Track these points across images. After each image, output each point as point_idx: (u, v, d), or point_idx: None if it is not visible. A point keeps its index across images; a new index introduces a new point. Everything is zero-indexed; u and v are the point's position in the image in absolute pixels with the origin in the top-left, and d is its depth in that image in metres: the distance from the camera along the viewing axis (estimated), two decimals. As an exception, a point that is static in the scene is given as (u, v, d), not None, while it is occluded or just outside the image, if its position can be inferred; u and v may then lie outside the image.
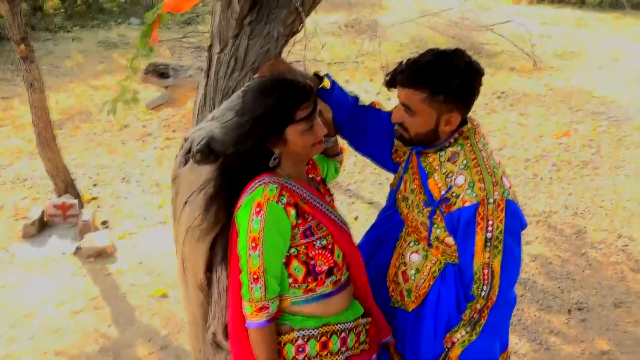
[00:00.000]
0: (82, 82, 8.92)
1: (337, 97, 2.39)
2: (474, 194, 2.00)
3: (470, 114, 2.15)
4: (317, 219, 2.05)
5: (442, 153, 2.11)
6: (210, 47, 2.41)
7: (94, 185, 6.09)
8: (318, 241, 2.05)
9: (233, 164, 2.07)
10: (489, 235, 1.99)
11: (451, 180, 2.06)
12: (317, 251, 2.04)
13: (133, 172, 6.39)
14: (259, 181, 2.03)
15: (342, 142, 2.50)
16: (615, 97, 8.35)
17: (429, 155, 2.15)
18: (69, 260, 4.91)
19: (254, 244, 1.94)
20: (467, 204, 2.00)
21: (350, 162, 6.52)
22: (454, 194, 2.04)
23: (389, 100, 8.28)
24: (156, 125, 7.56)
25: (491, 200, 1.98)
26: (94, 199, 5.83)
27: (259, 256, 1.94)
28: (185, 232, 2.27)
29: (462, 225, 2.02)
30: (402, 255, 2.27)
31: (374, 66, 9.49)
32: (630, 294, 4.40)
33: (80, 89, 8.77)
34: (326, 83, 2.37)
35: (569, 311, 4.25)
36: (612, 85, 8.83)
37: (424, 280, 2.21)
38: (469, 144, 2.09)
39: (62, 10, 12.75)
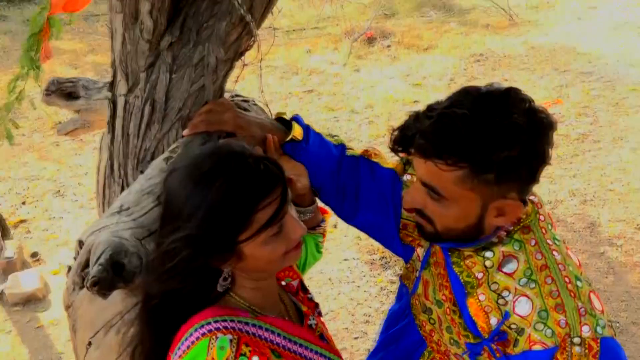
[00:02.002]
0: (7, 70, 7.80)
1: (314, 151, 1.56)
2: (549, 331, 1.23)
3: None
4: None
5: (488, 254, 1.31)
6: (113, 85, 1.54)
7: (23, 203, 5.15)
8: (304, 408, 1.25)
9: (156, 297, 1.24)
10: None
11: (507, 303, 1.27)
12: None
13: (69, 183, 5.45)
14: (201, 326, 1.21)
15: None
16: (602, 52, 7.62)
17: (466, 255, 1.34)
18: (-11, 310, 4.02)
19: None
20: (536, 347, 1.23)
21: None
22: (513, 327, 1.26)
23: (358, 72, 7.44)
24: (95, 120, 6.58)
25: (577, 340, 1.21)
26: (22, 221, 4.90)
27: None
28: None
29: None
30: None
31: (337, 32, 8.57)
32: (666, 307, 3.74)
33: (6, 79, 7.66)
34: (297, 132, 1.54)
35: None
36: (596, 38, 8.10)
37: None
38: (532, 241, 1.29)
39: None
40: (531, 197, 1.37)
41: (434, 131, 1.18)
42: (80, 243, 1.37)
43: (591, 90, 6.63)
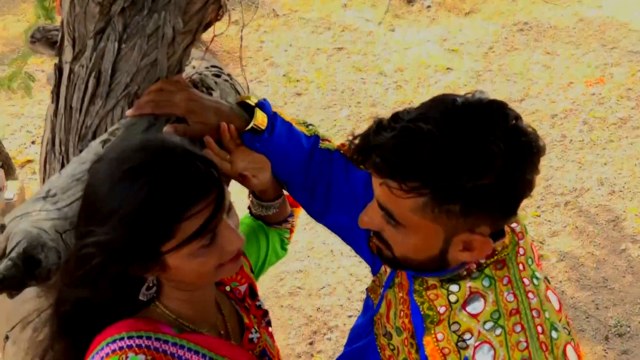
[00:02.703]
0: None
1: (280, 142, 1.39)
2: None
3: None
4: None
5: (454, 288, 1.13)
6: (60, 49, 1.38)
7: (32, 142, 5.08)
8: None
9: (68, 303, 1.11)
10: None
11: (468, 347, 1.10)
12: None
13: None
14: (113, 341, 1.07)
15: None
16: (656, 30, 7.14)
17: (430, 284, 1.17)
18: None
19: None
20: None
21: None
22: None
23: (392, 32, 7.12)
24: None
25: None
26: (28, 161, 4.83)
27: None
28: (14, 383, 1.33)
29: None
30: None
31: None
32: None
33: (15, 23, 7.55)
34: (259, 120, 1.35)
35: (607, 338, 3.38)
36: (653, 15, 7.59)
37: None
38: (505, 279, 1.11)
39: None
40: (512, 225, 1.18)
41: (392, 148, 0.99)
42: (3, 227, 1.23)
43: (638, 72, 6.22)
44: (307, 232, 3.95)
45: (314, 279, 3.74)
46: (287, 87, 5.88)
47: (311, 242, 3.93)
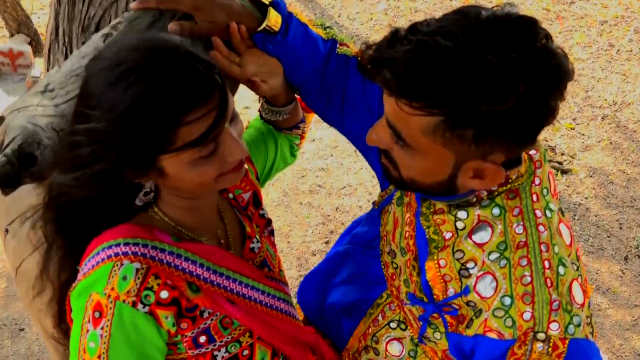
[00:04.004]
0: None
1: (294, 45, 1.31)
2: (509, 321, 1.02)
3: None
4: (224, 312, 1.11)
5: (462, 215, 1.08)
6: None
7: (64, 20, 5.00)
8: (223, 349, 1.15)
9: (55, 192, 1.09)
10: None
11: (470, 276, 1.06)
12: None
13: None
14: (109, 246, 1.06)
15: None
16: None
17: (437, 208, 1.11)
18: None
19: None
20: (491, 335, 1.03)
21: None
22: (471, 304, 1.06)
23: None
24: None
25: (541, 337, 1.01)
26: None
27: None
28: (16, 272, 1.35)
29: None
30: (374, 337, 1.33)
31: None
32: None
33: None
34: (272, 21, 1.27)
35: (626, 258, 3.34)
36: None
37: (408, 395, 1.30)
38: (516, 209, 1.04)
39: None
40: (531, 153, 1.10)
41: (405, 64, 0.91)
42: (1, 119, 1.20)
43: (701, -21, 5.79)
44: (332, 129, 3.87)
45: (335, 178, 3.71)
46: (323, -25, 5.61)
47: (336, 140, 3.87)
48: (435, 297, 1.12)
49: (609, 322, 3.05)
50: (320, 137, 3.97)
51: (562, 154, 3.93)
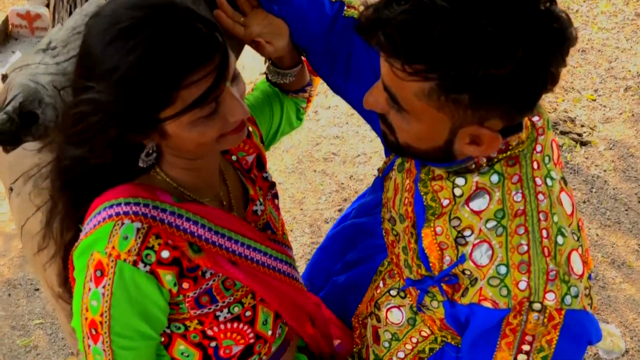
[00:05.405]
0: None
1: (300, 6, 1.30)
2: (505, 290, 1.02)
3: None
4: (226, 273, 1.11)
5: (460, 181, 1.06)
6: None
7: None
8: (225, 310, 1.15)
9: (67, 159, 1.10)
10: (522, 358, 1.03)
11: (467, 244, 1.05)
12: (221, 326, 1.15)
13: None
14: (110, 206, 1.07)
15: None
16: None
17: (435, 174, 1.10)
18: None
19: (93, 331, 1.06)
20: (486, 304, 1.02)
21: None
22: (467, 273, 1.05)
23: None
24: None
25: (537, 307, 1.00)
26: (77, 3, 4.78)
27: (103, 351, 1.06)
28: (21, 231, 1.37)
29: (473, 333, 1.06)
30: (377, 303, 1.33)
31: None
32: None
33: None
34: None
35: (643, 232, 3.30)
36: None
37: (405, 359, 1.30)
38: (515, 177, 1.02)
39: None
40: (534, 119, 1.08)
41: (400, 25, 0.89)
42: (4, 77, 1.20)
43: None
44: (348, 97, 3.86)
45: (350, 146, 3.70)
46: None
47: (351, 107, 3.84)
48: (431, 265, 1.11)
49: (623, 296, 3.02)
50: (336, 104, 3.94)
51: (582, 126, 3.87)
